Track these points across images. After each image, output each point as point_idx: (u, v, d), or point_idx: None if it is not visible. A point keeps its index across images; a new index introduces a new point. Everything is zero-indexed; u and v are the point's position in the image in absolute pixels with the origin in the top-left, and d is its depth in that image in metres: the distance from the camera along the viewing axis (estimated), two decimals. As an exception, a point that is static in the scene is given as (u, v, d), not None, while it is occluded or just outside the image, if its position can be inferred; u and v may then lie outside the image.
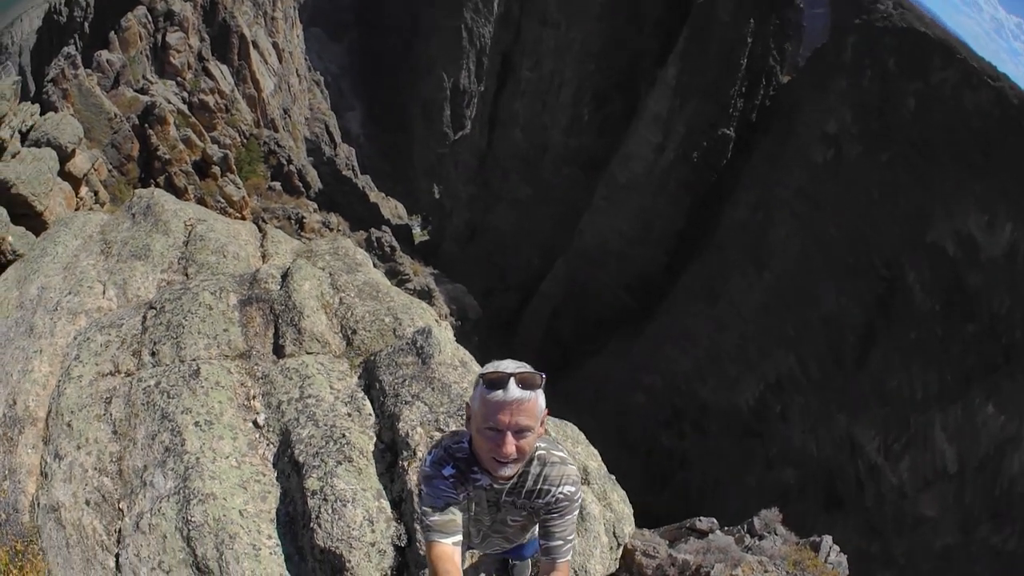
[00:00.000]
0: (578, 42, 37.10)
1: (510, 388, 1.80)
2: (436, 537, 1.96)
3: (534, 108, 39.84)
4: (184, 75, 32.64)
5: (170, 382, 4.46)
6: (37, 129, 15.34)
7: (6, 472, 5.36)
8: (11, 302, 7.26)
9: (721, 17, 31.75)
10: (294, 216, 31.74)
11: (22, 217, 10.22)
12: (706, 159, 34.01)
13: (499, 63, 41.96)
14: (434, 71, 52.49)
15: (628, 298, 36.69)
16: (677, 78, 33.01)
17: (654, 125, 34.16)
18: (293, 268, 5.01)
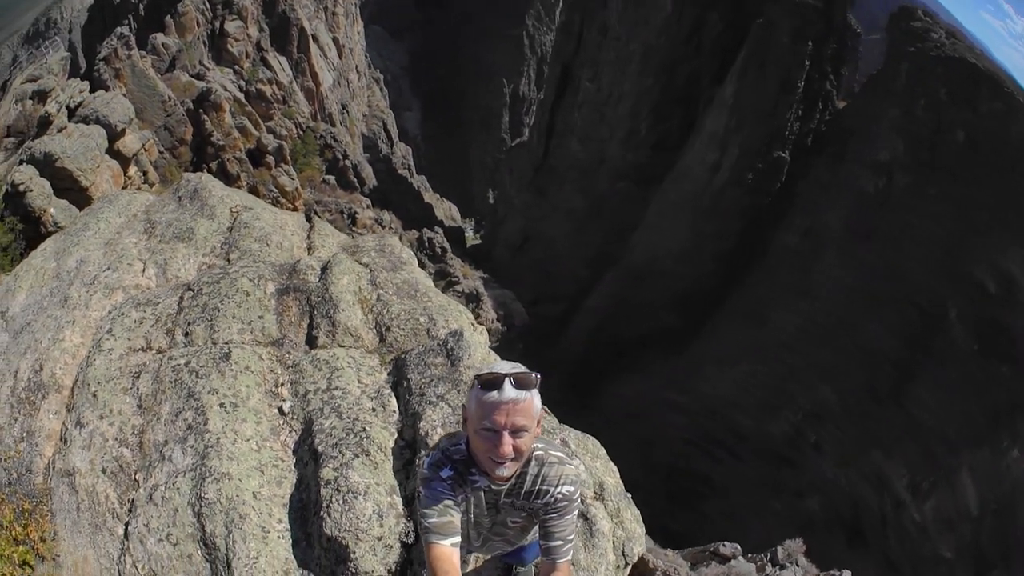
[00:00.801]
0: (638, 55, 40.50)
1: (505, 388, 2.02)
2: (434, 539, 2.18)
3: (592, 119, 43.59)
4: (242, 64, 35.81)
5: (200, 363, 5.13)
6: (86, 106, 17.16)
7: (24, 434, 6.17)
8: (48, 272, 8.28)
9: (780, 38, 34.61)
10: (347, 211, 35.00)
11: (66, 191, 11.51)
12: (760, 181, 36.90)
13: (559, 72, 46.24)
14: (494, 77, 56.90)
15: (672, 316, 39.68)
16: (734, 98, 35.96)
17: (710, 144, 37.15)
18: (333, 261, 5.71)
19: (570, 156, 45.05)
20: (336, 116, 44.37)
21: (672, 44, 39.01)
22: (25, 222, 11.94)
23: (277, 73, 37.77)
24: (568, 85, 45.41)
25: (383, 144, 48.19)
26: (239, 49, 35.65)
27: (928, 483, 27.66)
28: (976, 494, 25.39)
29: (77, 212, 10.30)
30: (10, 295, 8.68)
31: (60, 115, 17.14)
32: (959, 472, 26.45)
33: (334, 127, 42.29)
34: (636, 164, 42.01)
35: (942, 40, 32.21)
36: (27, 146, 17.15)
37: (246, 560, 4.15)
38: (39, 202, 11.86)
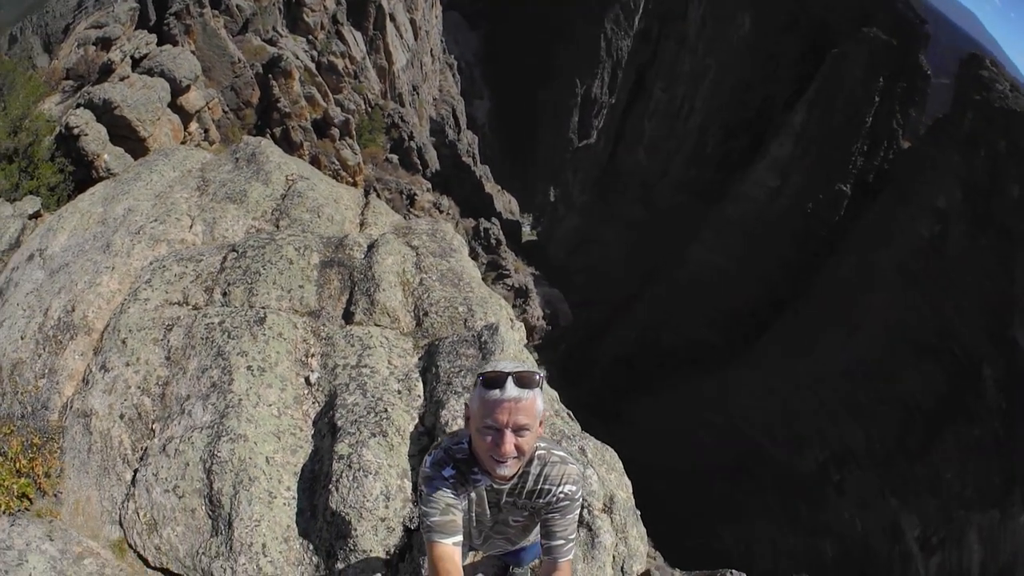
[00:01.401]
0: (713, 71, 44.65)
1: (508, 387, 2.17)
2: (437, 537, 2.37)
3: (661, 130, 48.42)
4: (316, 35, 38.39)
5: (234, 323, 5.65)
6: (151, 58, 18.55)
7: (45, 371, 6.83)
8: (94, 217, 9.09)
9: (852, 71, 37.96)
10: (406, 192, 37.77)
11: (123, 139, 12.51)
12: (818, 212, 40.29)
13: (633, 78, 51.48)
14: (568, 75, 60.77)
15: (715, 335, 43.17)
16: (803, 126, 39.72)
17: (773, 168, 40.97)
18: (381, 241, 6.21)
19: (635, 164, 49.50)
20: (406, 97, 47.28)
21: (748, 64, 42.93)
22: (76, 165, 13.08)
23: (351, 48, 40.48)
24: (641, 92, 49.77)
25: (450, 130, 51.30)
26: (314, 20, 38.26)
27: (937, 539, 30.30)
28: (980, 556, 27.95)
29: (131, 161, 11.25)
30: (51, 234, 9.55)
31: (123, 64, 18.58)
32: (968, 531, 29.01)
33: (403, 107, 45.05)
34: (699, 180, 45.83)
35: (1006, 92, 34.62)
36: (86, 91, 18.63)
37: (248, 522, 4.56)
38: (93, 147, 12.96)
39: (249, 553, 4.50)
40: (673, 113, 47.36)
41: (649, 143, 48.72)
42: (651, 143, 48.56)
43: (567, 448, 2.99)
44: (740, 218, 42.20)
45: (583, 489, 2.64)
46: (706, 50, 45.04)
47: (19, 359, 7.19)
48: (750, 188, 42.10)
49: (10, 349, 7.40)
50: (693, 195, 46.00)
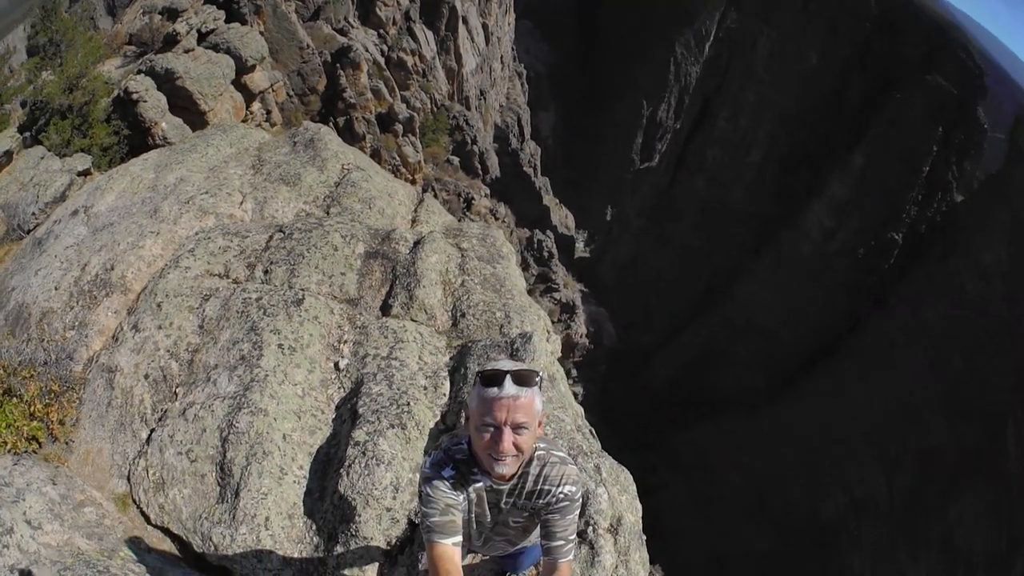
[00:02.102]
0: (778, 105, 49.18)
1: (506, 385, 2.41)
2: (437, 538, 2.61)
3: (722, 160, 53.11)
4: (387, 29, 41.30)
5: (271, 301, 6.34)
6: (218, 34, 20.12)
7: (76, 324, 7.66)
8: (144, 182, 10.07)
9: (913, 118, 42.10)
10: (464, 195, 40.93)
11: (182, 110, 13.72)
12: (870, 258, 44.39)
13: (699, 105, 56.51)
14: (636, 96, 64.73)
15: (756, 375, 47.28)
16: (863, 168, 44.10)
17: (831, 209, 45.27)
18: (427, 238, 6.89)
19: (694, 192, 54.50)
20: (473, 101, 50.37)
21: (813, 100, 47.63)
22: (132, 129, 14.37)
23: (421, 46, 43.31)
24: (705, 120, 55.02)
25: (514, 138, 55.06)
26: (387, 14, 41.16)
27: (940, 597, 33.76)
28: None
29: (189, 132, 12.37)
30: (99, 193, 10.60)
31: (189, 37, 20.21)
32: (969, 593, 32.48)
33: (469, 111, 48.02)
34: (756, 213, 50.22)
35: (1057, 150, 37.90)
36: (148, 58, 20.28)
37: (255, 494, 5.14)
38: (151, 114, 14.23)
39: (251, 524, 5.06)
40: (735, 143, 52.59)
41: (709, 172, 54.13)
42: (711, 172, 53.99)
43: (566, 449, 3.40)
44: (793, 257, 47.13)
45: (582, 489, 2.90)
46: (772, 83, 50.30)
47: (50, 308, 8.08)
48: (806, 227, 46.95)
49: (42, 298, 8.31)
50: (749, 228, 51.14)
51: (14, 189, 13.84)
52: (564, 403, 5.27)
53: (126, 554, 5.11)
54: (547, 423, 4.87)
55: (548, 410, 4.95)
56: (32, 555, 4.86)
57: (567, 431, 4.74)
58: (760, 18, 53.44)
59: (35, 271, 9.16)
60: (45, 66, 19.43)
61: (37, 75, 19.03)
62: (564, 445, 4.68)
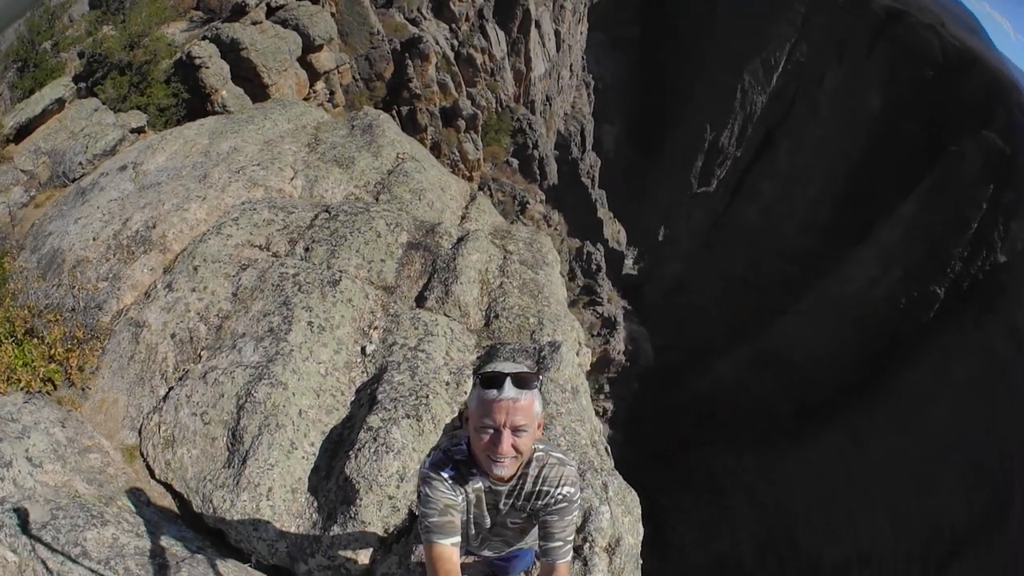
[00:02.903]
0: (839, 144, 53.47)
1: (505, 387, 2.61)
2: (435, 538, 2.81)
3: (777, 193, 57.55)
4: (459, 24, 43.77)
5: (308, 279, 6.94)
6: (287, 10, 21.37)
7: (109, 275, 8.39)
8: (198, 147, 10.90)
9: (966, 172, 45.27)
10: (520, 198, 43.71)
11: (245, 81, 14.68)
12: (910, 310, 47.43)
13: (761, 136, 61.36)
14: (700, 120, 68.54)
15: (783, 410, 50.69)
16: (913, 217, 47.36)
17: (879, 255, 48.75)
18: (471, 236, 7.43)
19: (747, 222, 59.34)
20: (538, 105, 53.03)
21: (872, 143, 51.72)
22: (192, 94, 15.41)
23: (492, 45, 45.76)
24: (766, 151, 60.17)
25: (575, 147, 57.54)
26: (460, 10, 43.66)
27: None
28: None
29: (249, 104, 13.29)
30: (150, 152, 11.50)
31: (258, 10, 21.51)
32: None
33: (533, 115, 50.50)
34: (804, 251, 54.54)
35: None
36: (215, 26, 21.60)
37: (262, 464, 5.67)
38: (213, 81, 15.26)
39: (253, 492, 5.58)
40: (793, 178, 56.70)
41: (764, 203, 58.43)
42: (766, 204, 58.24)
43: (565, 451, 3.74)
44: (836, 299, 50.29)
45: (580, 492, 3.15)
46: (835, 121, 54.11)
47: (85, 257, 8.87)
48: (853, 271, 50.15)
49: (78, 246, 9.13)
50: (796, 264, 55.02)
51: (63, 137, 14.99)
52: (583, 417, 5.64)
53: (124, 503, 5.65)
54: (563, 435, 5.29)
55: (565, 422, 5.37)
56: (27, 491, 5.43)
57: (581, 445, 5.13)
58: (830, 53, 57.21)
59: (75, 219, 10.02)
60: (106, 20, 20.84)
61: (97, 28, 20.43)
62: (575, 458, 5.09)
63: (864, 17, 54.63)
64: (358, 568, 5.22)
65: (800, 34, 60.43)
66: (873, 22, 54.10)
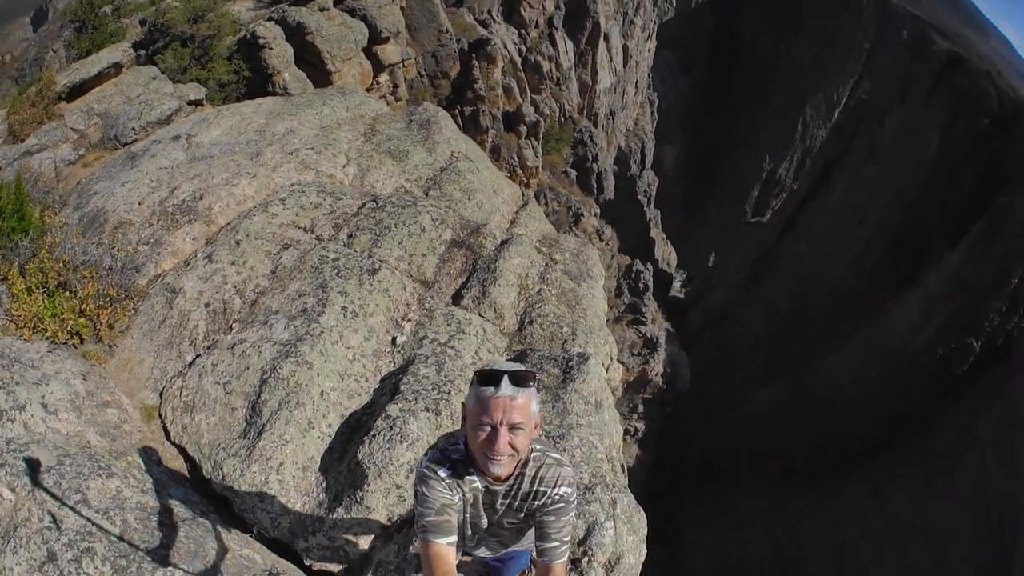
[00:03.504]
0: (895, 186, 56.44)
1: (503, 385, 2.77)
2: (432, 537, 2.98)
3: (830, 230, 60.34)
4: (529, 30, 46.29)
5: (347, 264, 7.42)
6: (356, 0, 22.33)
7: (151, 240, 8.99)
8: (254, 125, 11.57)
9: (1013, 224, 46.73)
10: (574, 209, 45.63)
11: (308, 65, 15.48)
12: (947, 361, 48.99)
13: (819, 171, 64.57)
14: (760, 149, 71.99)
15: (812, 452, 52.63)
16: (959, 267, 49.25)
17: (923, 302, 50.65)
18: (514, 240, 7.90)
19: (797, 257, 62.53)
20: (601, 119, 56.01)
21: (926, 187, 54.25)
22: (253, 73, 16.29)
23: (560, 54, 48.32)
24: (822, 187, 63.04)
25: (634, 164, 62.30)
26: (531, 16, 46.22)
27: None
28: None
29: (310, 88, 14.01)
30: (205, 125, 12.23)
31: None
32: None
33: (595, 128, 53.07)
34: (851, 291, 57.17)
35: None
36: (282, 8, 22.69)
37: (277, 439, 6.10)
38: (276, 62, 16.11)
39: (264, 465, 6.01)
40: (847, 216, 59.48)
41: (816, 240, 61.49)
42: (817, 240, 61.28)
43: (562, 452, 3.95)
44: (877, 343, 52.40)
45: (577, 492, 3.34)
46: (893, 162, 57.11)
47: (128, 220, 9.52)
48: (896, 316, 52.28)
49: (123, 208, 9.79)
50: (842, 304, 57.65)
51: (118, 101, 15.91)
52: (603, 431, 5.94)
53: (134, 460, 6.11)
54: (580, 446, 5.62)
55: (584, 435, 5.69)
56: (37, 435, 5.90)
57: (596, 458, 5.45)
58: (892, 94, 60.23)
59: (122, 182, 10.72)
60: (171, -9, 22.04)
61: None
62: (588, 471, 5.42)
63: (926, 59, 57.56)
64: (357, 552, 5.59)
65: (864, 71, 64.18)
66: (935, 65, 56.82)
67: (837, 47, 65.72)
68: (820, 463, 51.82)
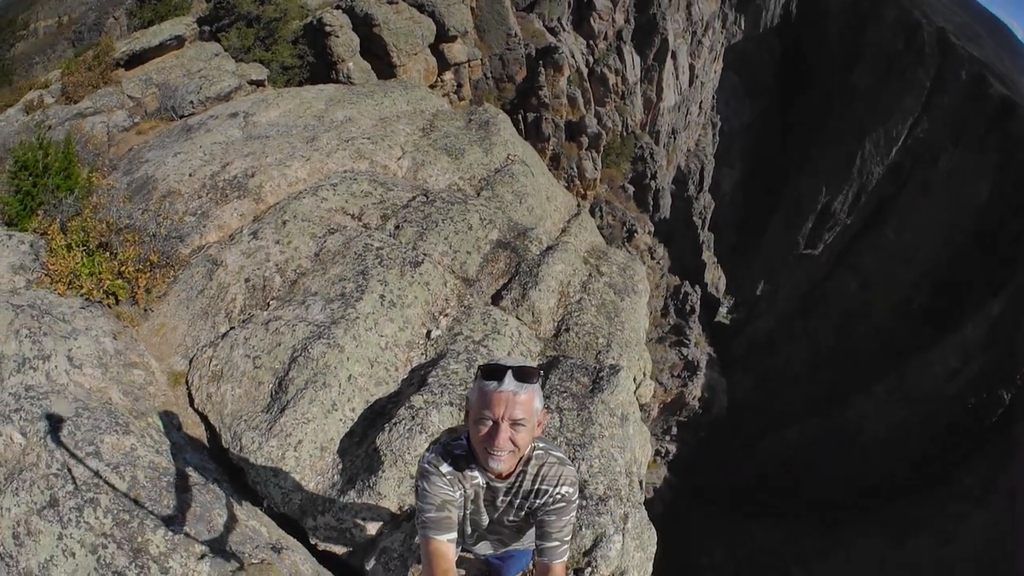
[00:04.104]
0: (945, 229, 59.65)
1: (506, 380, 2.87)
2: (432, 533, 3.07)
3: (879, 269, 63.64)
4: (597, 42, 48.25)
5: (391, 255, 7.84)
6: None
7: (198, 211, 9.52)
8: (313, 110, 12.16)
9: None
10: (629, 225, 47.50)
11: (373, 56, 16.15)
12: (977, 411, 50.94)
13: (873, 207, 67.76)
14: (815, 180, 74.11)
15: (838, 495, 54.28)
16: (999, 315, 51.36)
17: (960, 350, 52.88)
18: (559, 247, 8.27)
19: (845, 293, 65.82)
20: (663, 137, 58.23)
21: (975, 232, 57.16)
22: (318, 59, 17.03)
23: (626, 68, 50.26)
24: (875, 224, 66.31)
25: (692, 185, 64.64)
26: (600, 27, 48.19)
27: None
28: None
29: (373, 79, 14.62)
30: (263, 105, 12.86)
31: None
32: None
33: (656, 145, 55.06)
34: (894, 332, 59.92)
35: None
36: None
37: (299, 417, 6.48)
38: (341, 51, 16.82)
39: (283, 441, 6.38)
40: (896, 256, 62.51)
41: (865, 277, 64.71)
42: (866, 278, 64.50)
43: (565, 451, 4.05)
44: (914, 388, 54.53)
45: (579, 492, 3.56)
46: (945, 205, 59.89)
47: (177, 190, 10.10)
48: (935, 361, 54.10)
49: (173, 178, 10.39)
50: (883, 344, 60.08)
51: (178, 73, 16.74)
52: (625, 445, 6.17)
53: (154, 421, 6.52)
54: (599, 456, 5.90)
55: (605, 446, 5.97)
56: (58, 386, 6.31)
57: (614, 471, 5.70)
58: (947, 135, 62.96)
59: (175, 153, 11.37)
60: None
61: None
62: (604, 482, 5.69)
63: (982, 102, 60.19)
64: (363, 536, 5.90)
65: (923, 110, 66.07)
66: (990, 110, 59.45)
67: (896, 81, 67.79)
68: (841, 501, 53.81)
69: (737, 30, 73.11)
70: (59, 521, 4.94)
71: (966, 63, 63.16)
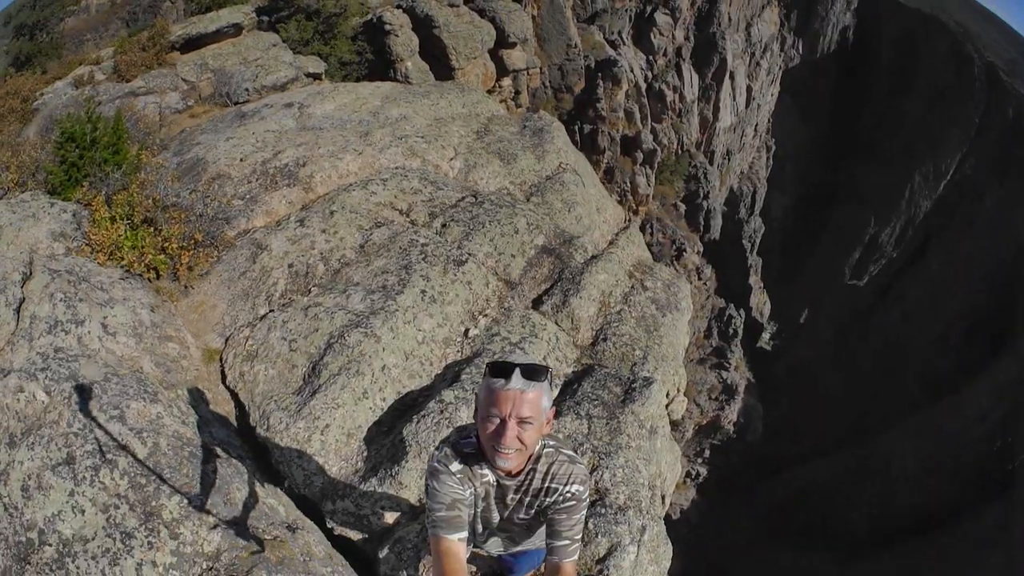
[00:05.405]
0: (988, 266, 61.21)
1: (514, 378, 2.95)
2: (442, 532, 3.17)
3: (922, 303, 66.62)
4: (657, 57, 49.89)
5: (435, 252, 8.16)
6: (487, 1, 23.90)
7: (246, 196, 9.93)
8: (368, 107, 12.62)
9: None
10: (678, 243, 49.65)
11: (432, 58, 16.70)
12: (1003, 451, 52.62)
13: (920, 241, 70.67)
14: (865, 211, 76.21)
15: (860, 529, 56.33)
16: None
17: (991, 391, 54.81)
18: (604, 256, 8.58)
19: (887, 325, 69.04)
20: (717, 157, 59.83)
21: (1015, 271, 59.01)
22: (376, 56, 17.61)
23: (684, 85, 52.15)
24: (921, 258, 69.51)
25: (744, 208, 66.85)
26: (660, 43, 49.78)
27: None
28: None
29: (431, 80, 15.08)
30: (319, 97, 13.34)
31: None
32: None
33: (711, 165, 56.88)
34: (931, 368, 62.16)
35: None
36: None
37: (328, 403, 6.76)
38: (400, 50, 17.39)
39: (311, 423, 6.67)
40: (939, 291, 65.02)
41: (907, 310, 67.59)
42: (909, 312, 67.41)
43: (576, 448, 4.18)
44: (945, 427, 56.19)
45: (589, 490, 3.51)
46: (988, 242, 62.57)
47: (226, 173, 10.54)
48: (968, 401, 56.32)
49: (224, 161, 10.84)
50: (919, 381, 62.62)
51: (235, 61, 17.39)
52: (651, 458, 6.38)
53: (183, 393, 6.82)
54: (623, 467, 6.10)
55: (631, 457, 6.18)
56: (89, 351, 6.63)
57: (637, 482, 5.90)
58: (993, 171, 65.44)
59: (227, 137, 11.86)
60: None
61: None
62: (626, 492, 5.90)
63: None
64: (380, 525, 6.14)
65: (972, 146, 68.81)
66: None
67: (945, 113, 69.29)
68: (862, 536, 55.86)
69: (795, 54, 74.67)
70: (73, 478, 5.19)
71: (1013, 100, 65.45)
